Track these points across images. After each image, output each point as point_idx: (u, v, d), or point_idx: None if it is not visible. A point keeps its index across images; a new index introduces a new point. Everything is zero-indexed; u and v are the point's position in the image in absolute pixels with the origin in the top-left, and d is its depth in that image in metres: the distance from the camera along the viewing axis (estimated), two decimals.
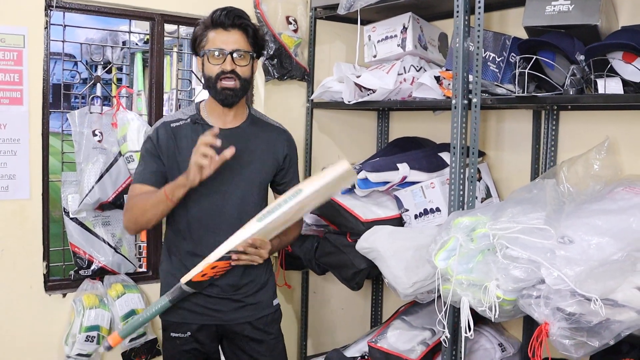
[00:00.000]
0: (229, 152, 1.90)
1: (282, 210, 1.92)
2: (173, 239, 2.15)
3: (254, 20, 2.92)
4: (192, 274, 1.98)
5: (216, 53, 2.02)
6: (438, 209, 2.53)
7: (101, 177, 2.61)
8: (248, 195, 2.12)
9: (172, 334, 2.14)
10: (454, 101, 2.30)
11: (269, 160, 2.19)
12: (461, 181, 2.31)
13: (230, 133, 2.10)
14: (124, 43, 3.87)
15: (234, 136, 2.09)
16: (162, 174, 2.09)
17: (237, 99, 2.08)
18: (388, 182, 2.64)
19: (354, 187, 2.63)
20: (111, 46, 3.69)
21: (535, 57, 2.16)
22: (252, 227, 1.95)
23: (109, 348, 2.01)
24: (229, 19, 2.02)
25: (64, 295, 2.62)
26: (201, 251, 2.04)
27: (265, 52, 2.11)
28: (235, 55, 2.02)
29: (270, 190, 2.28)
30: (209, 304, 2.10)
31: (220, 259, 1.96)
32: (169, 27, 2.92)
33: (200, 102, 2.20)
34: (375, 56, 2.85)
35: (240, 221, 2.02)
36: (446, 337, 2.17)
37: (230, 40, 2.02)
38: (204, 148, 1.87)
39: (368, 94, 2.72)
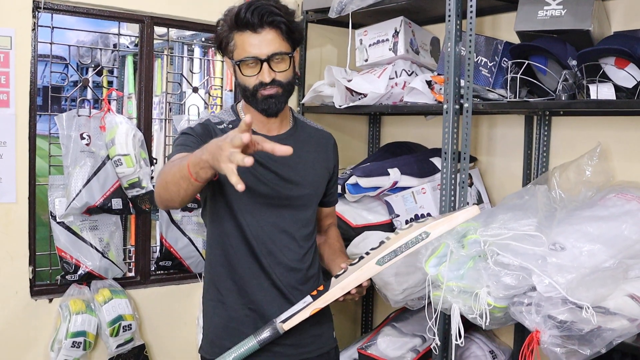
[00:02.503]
0: (284, 149, 1.43)
1: (404, 254, 1.64)
2: (220, 266, 1.84)
3: None
4: (295, 320, 1.68)
5: (249, 62, 1.70)
6: (429, 215, 2.51)
7: (89, 180, 2.57)
8: (303, 211, 1.86)
9: None
10: (445, 106, 2.28)
11: (323, 170, 1.94)
12: (452, 187, 2.30)
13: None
14: (114, 46, 3.85)
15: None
16: None
17: (282, 106, 1.79)
18: (379, 187, 2.62)
19: (344, 192, 2.61)
20: (100, 49, 3.65)
21: (527, 62, 2.15)
22: (370, 269, 1.67)
23: None
24: (257, 17, 1.67)
25: (50, 300, 2.59)
26: (258, 276, 1.80)
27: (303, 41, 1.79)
28: (272, 59, 1.71)
29: None
30: (276, 341, 1.73)
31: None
32: (159, 30, 2.89)
33: (237, 104, 1.89)
34: (366, 60, 2.84)
35: (296, 242, 1.84)
36: (436, 344, 2.15)
37: (263, 43, 1.69)
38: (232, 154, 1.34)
39: (359, 99, 2.70)
